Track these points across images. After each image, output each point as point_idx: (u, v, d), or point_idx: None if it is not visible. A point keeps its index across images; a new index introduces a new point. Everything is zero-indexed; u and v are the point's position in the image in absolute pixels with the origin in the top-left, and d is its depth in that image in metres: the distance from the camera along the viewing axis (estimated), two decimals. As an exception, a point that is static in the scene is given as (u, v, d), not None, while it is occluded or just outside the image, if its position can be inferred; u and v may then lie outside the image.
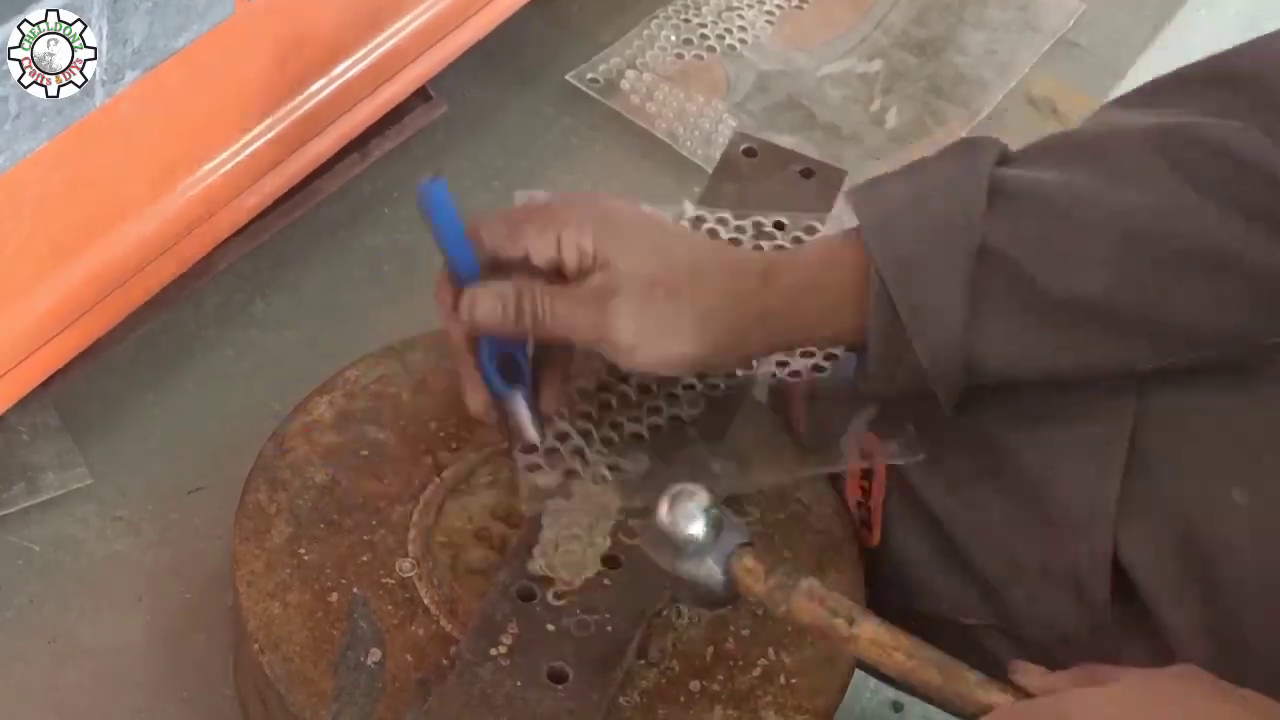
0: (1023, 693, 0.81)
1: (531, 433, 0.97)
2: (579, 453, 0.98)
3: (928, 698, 0.85)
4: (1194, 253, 0.88)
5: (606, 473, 0.98)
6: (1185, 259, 0.88)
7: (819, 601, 0.85)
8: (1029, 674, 0.81)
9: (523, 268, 0.94)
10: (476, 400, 0.97)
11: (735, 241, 1.08)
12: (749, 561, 0.87)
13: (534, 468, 0.97)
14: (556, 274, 0.93)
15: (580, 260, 0.92)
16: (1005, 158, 0.93)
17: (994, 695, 0.82)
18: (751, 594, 0.87)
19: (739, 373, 1.03)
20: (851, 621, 0.84)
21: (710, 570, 0.87)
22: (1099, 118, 0.98)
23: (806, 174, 1.17)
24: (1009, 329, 0.90)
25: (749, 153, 1.18)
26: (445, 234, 0.94)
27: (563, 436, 0.99)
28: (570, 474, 0.97)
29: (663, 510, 0.87)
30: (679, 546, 0.87)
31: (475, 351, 0.96)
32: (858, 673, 0.99)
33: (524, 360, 0.97)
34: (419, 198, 0.94)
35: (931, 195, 0.91)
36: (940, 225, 0.89)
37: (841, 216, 1.12)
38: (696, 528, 0.87)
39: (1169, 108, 0.92)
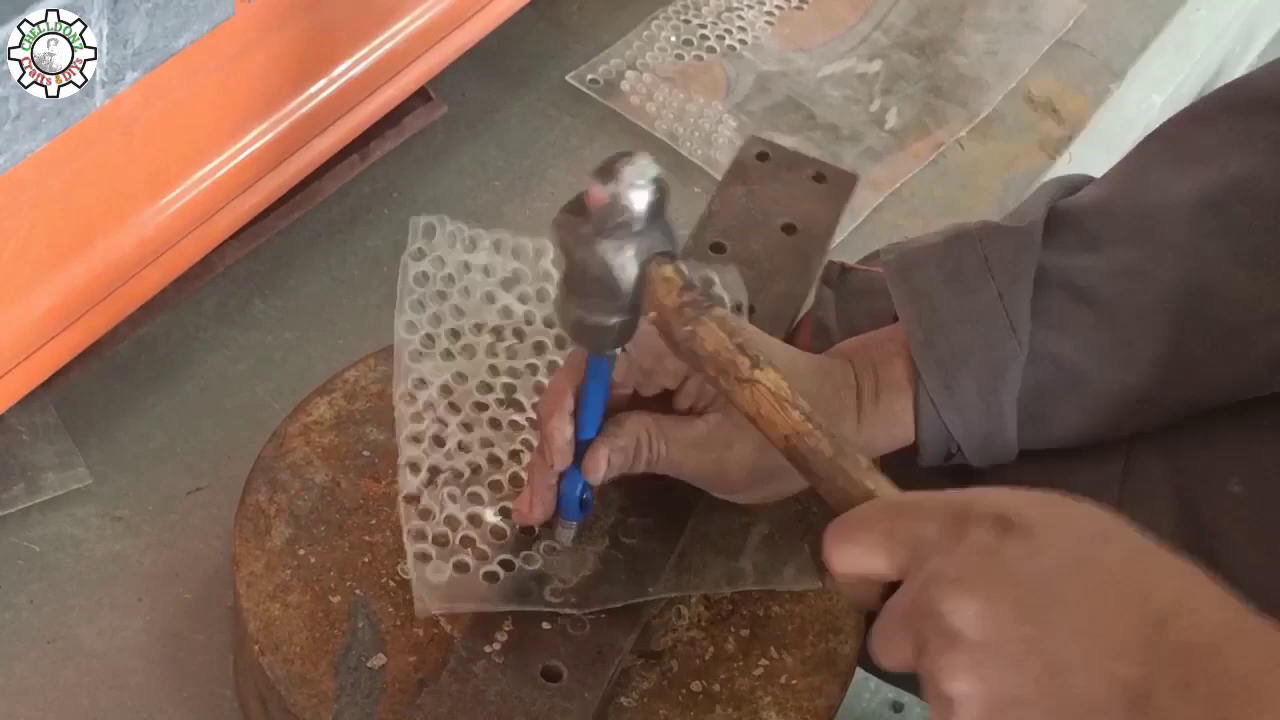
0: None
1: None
2: (469, 543, 0.95)
3: (811, 478, 0.79)
4: (1250, 326, 0.88)
5: (499, 569, 0.93)
6: (1243, 333, 0.88)
7: (729, 333, 0.78)
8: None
9: (628, 396, 0.92)
10: (537, 514, 0.93)
11: None
12: (668, 270, 0.78)
13: (423, 557, 0.93)
14: (664, 399, 0.92)
15: (698, 397, 0.91)
16: (1050, 219, 0.92)
17: (882, 483, 0.76)
18: (659, 305, 0.78)
19: None
20: (756, 363, 0.77)
21: (626, 263, 0.77)
22: (1141, 165, 0.96)
23: (819, 179, 1.17)
24: (1058, 420, 0.91)
25: (761, 156, 1.18)
26: (591, 401, 0.88)
27: (453, 523, 0.96)
28: (461, 568, 0.93)
29: (608, 172, 0.76)
30: (608, 219, 0.76)
31: (559, 479, 0.92)
32: (858, 673, 0.99)
33: (591, 494, 0.94)
34: (589, 359, 0.87)
35: (976, 303, 0.91)
36: (988, 337, 0.90)
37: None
38: (640, 198, 0.76)
39: (1207, 143, 0.91)
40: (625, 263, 0.77)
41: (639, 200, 0.76)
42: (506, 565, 0.94)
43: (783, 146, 1.20)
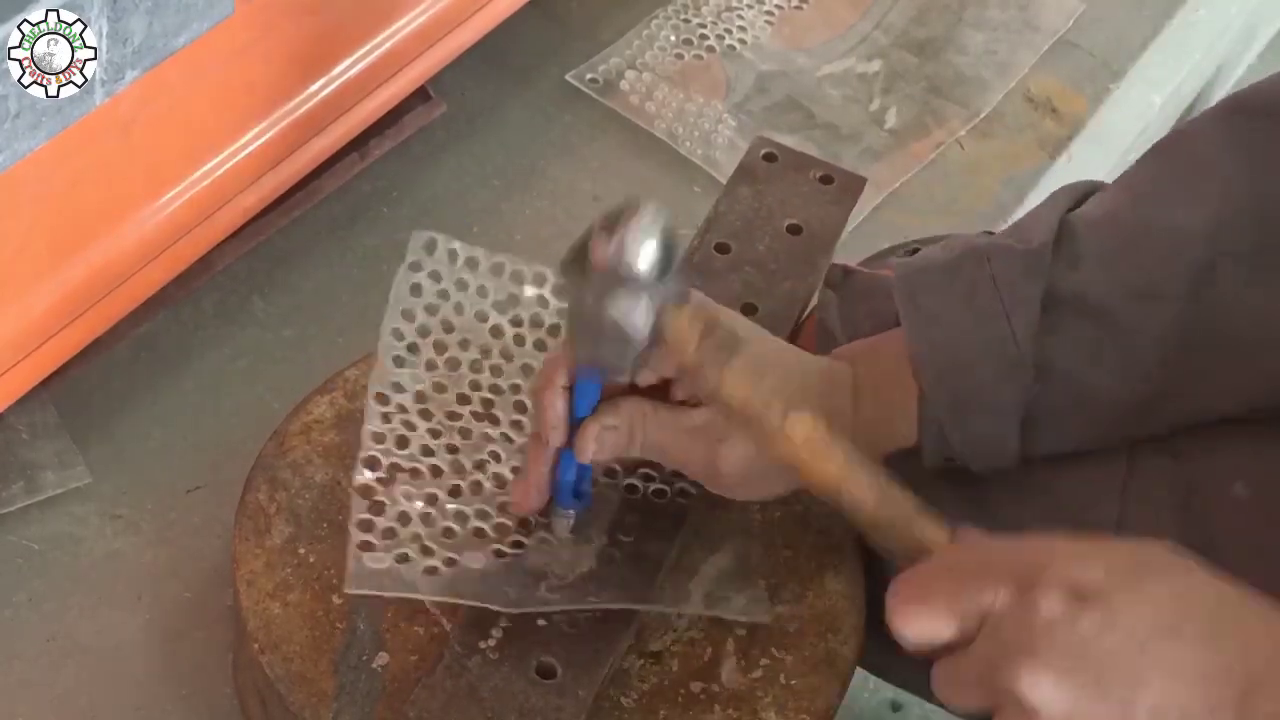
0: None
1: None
2: (416, 539, 0.94)
3: (860, 531, 0.78)
4: (1261, 343, 0.87)
5: (442, 565, 0.93)
6: (1254, 350, 0.88)
7: (756, 378, 0.75)
8: (972, 533, 0.76)
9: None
10: (533, 501, 0.93)
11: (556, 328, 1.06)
12: (683, 320, 0.76)
13: (366, 547, 0.93)
14: (661, 386, 0.91)
15: (693, 393, 0.90)
16: (1060, 234, 0.92)
17: (933, 531, 0.74)
18: (679, 352, 0.76)
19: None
20: (784, 415, 0.75)
21: (640, 313, 0.74)
22: (1151, 179, 0.94)
23: (826, 180, 1.17)
24: (1062, 430, 0.91)
25: (769, 157, 1.18)
26: (586, 380, 0.88)
27: (404, 519, 0.95)
28: (402, 559, 0.93)
29: (620, 223, 0.73)
30: (615, 275, 0.73)
31: (555, 464, 0.92)
32: (857, 672, 0.99)
33: (589, 483, 0.94)
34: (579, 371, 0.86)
35: (984, 326, 0.90)
36: (994, 360, 0.89)
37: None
38: (649, 253, 0.73)
39: (1217, 158, 0.91)
40: (638, 320, 0.75)
41: (647, 255, 0.73)
42: (449, 563, 0.94)
43: (790, 148, 1.20)
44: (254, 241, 1.20)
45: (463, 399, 1.02)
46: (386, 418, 1.00)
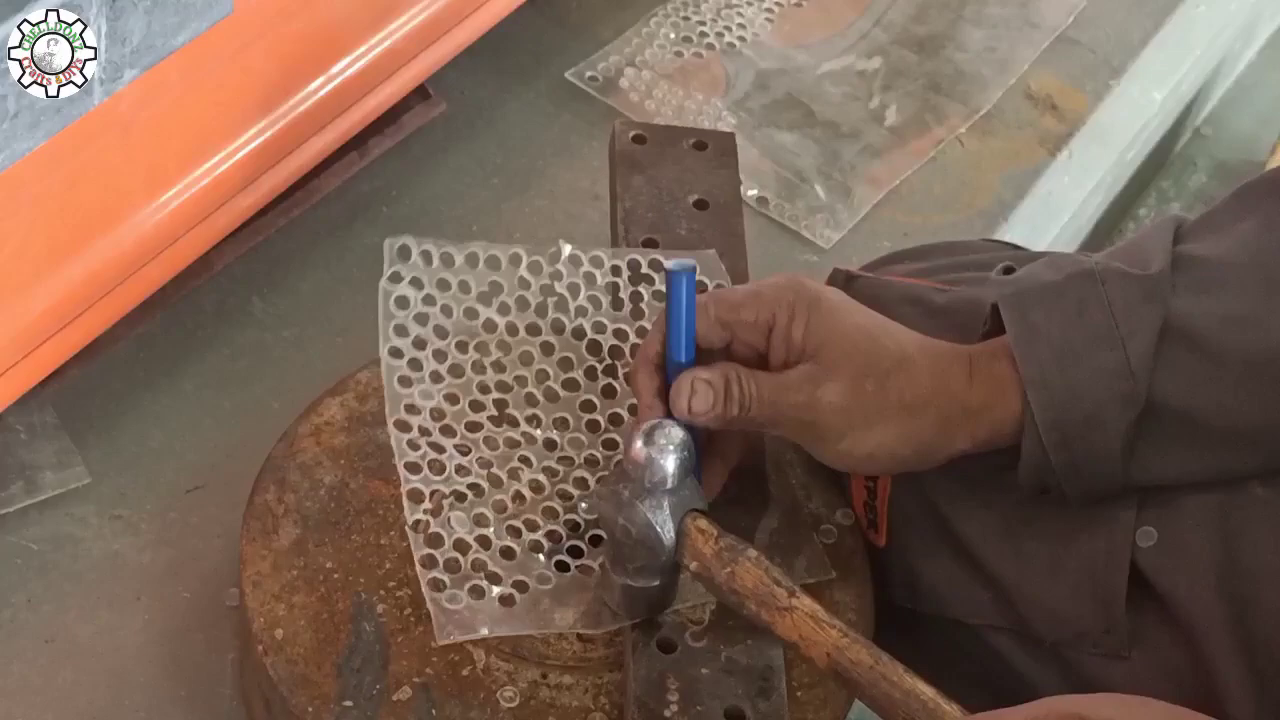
0: (956, 698, 0.81)
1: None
2: (480, 566, 0.94)
3: (857, 691, 0.84)
4: None
5: (514, 590, 0.93)
6: None
7: (764, 570, 0.87)
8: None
9: (723, 356, 0.93)
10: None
11: (613, 285, 1.07)
12: (703, 522, 0.89)
13: (436, 585, 0.93)
14: (759, 362, 0.92)
15: (788, 352, 0.91)
16: (1177, 260, 0.91)
17: (924, 688, 0.81)
18: (699, 556, 0.88)
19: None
20: (792, 592, 0.86)
21: (665, 519, 0.88)
22: (1265, 221, 0.92)
23: (700, 146, 1.16)
24: (1164, 463, 0.90)
25: (638, 139, 1.17)
26: (677, 323, 0.91)
27: (462, 547, 0.95)
28: (475, 594, 0.93)
29: (638, 441, 0.88)
30: (645, 481, 0.88)
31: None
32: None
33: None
34: (667, 278, 0.92)
35: (1097, 346, 0.89)
36: (1107, 382, 0.88)
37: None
38: (670, 462, 0.88)
39: None
40: (664, 519, 0.88)
41: (670, 462, 0.88)
42: (520, 587, 0.93)
43: (653, 124, 1.19)
44: (253, 241, 1.19)
45: (476, 405, 1.02)
46: (413, 445, 0.99)
